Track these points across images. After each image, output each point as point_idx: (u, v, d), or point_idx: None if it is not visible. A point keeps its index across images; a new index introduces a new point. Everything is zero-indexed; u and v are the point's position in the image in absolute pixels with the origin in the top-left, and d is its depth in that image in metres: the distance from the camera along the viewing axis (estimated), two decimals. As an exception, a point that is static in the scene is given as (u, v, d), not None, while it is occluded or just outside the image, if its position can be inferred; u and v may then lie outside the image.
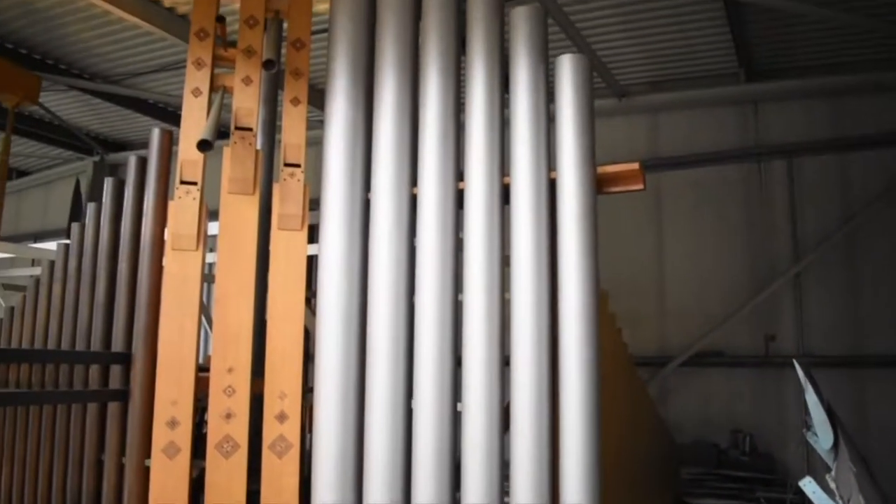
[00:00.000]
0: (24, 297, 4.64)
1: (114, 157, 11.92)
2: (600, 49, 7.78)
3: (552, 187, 3.39)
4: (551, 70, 3.54)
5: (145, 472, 3.62)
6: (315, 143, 3.74)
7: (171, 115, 10.31)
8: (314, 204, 3.67)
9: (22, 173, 13.43)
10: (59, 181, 12.99)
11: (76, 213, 11.42)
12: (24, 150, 11.96)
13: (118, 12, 7.03)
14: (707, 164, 8.54)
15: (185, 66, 8.47)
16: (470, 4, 3.68)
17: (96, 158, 11.90)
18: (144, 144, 11.43)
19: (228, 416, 3.55)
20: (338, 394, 3.45)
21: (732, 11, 6.97)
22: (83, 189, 11.66)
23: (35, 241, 12.95)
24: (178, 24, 7.41)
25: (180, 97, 9.56)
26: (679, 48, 7.91)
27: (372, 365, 3.45)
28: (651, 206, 8.64)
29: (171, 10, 7.33)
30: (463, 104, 3.61)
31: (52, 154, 12.30)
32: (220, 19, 3.87)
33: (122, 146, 12.05)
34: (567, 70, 3.43)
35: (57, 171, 12.91)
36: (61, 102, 10.14)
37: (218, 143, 3.44)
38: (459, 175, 3.54)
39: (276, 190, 3.72)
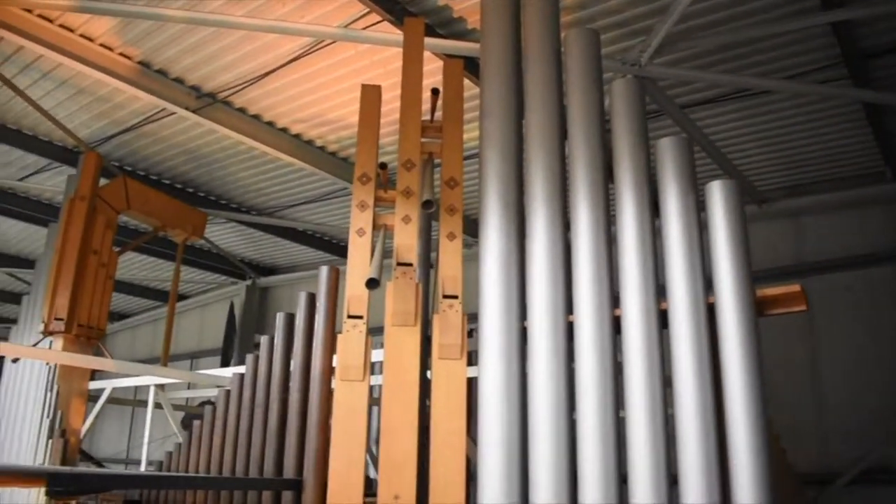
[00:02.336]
0: (201, 423, 4.98)
1: (264, 280, 12.74)
2: (735, 157, 7.77)
3: (710, 311, 3.41)
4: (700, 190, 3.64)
5: None
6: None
7: (317, 241, 11.01)
8: (472, 318, 3.84)
9: (181, 297, 14.51)
10: (213, 304, 13.92)
11: (230, 335, 12.19)
12: (184, 276, 12.97)
13: (274, 153, 7.76)
14: (857, 268, 8.18)
15: (331, 197, 9.18)
16: (616, 136, 3.85)
17: (248, 282, 12.74)
18: (292, 268, 12.22)
19: (396, 543, 3.65)
20: (502, 521, 3.48)
21: (871, 112, 6.84)
22: (236, 311, 12.45)
23: (191, 361, 13.83)
24: (327, 160, 8.07)
25: (327, 225, 10.28)
26: (818, 152, 7.78)
27: (535, 488, 3.47)
28: (801, 314, 8.29)
29: (321, 148, 7.99)
30: (614, 231, 3.74)
31: (208, 279, 13.26)
32: (383, 166, 4.20)
33: (272, 270, 12.87)
34: (718, 196, 3.50)
35: (212, 295, 13.87)
36: (219, 233, 11.04)
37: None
38: (614, 301, 3.62)
39: (436, 321, 3.91)
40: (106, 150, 8.39)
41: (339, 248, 11.28)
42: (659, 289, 3.58)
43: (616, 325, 3.59)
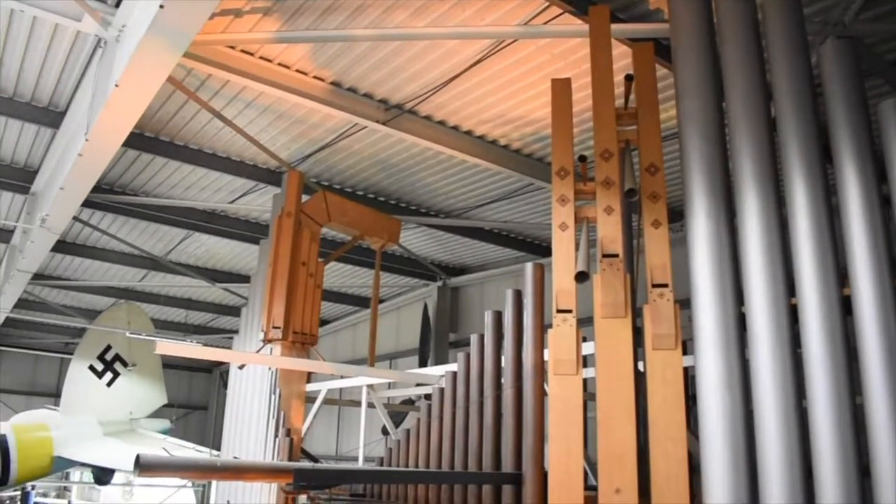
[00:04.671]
0: (418, 419, 5.20)
1: (455, 280, 13.07)
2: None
3: (957, 285, 3.12)
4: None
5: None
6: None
7: (504, 239, 11.16)
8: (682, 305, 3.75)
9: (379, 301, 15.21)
10: (407, 306, 14.46)
11: (426, 335, 12.61)
12: (380, 280, 13.61)
13: (460, 155, 7.95)
14: None
15: (517, 194, 9.25)
16: (830, 103, 3.61)
17: (439, 283, 13.13)
18: (481, 267, 12.41)
19: (622, 536, 3.63)
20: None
21: None
22: (430, 312, 12.87)
23: (390, 361, 14.44)
24: (511, 158, 8.16)
25: (513, 222, 10.36)
26: None
27: (766, 486, 3.33)
28: None
29: (505, 147, 8.09)
30: (834, 202, 3.51)
31: (401, 283, 13.80)
32: (582, 158, 4.19)
33: (461, 270, 13.18)
34: (958, 158, 3.19)
35: (405, 298, 14.41)
36: (411, 237, 11.46)
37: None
38: (842, 279, 3.40)
39: (647, 311, 3.84)
40: (304, 168, 8.97)
41: (526, 244, 11.36)
42: (893, 262, 3.32)
43: (846, 306, 3.37)
